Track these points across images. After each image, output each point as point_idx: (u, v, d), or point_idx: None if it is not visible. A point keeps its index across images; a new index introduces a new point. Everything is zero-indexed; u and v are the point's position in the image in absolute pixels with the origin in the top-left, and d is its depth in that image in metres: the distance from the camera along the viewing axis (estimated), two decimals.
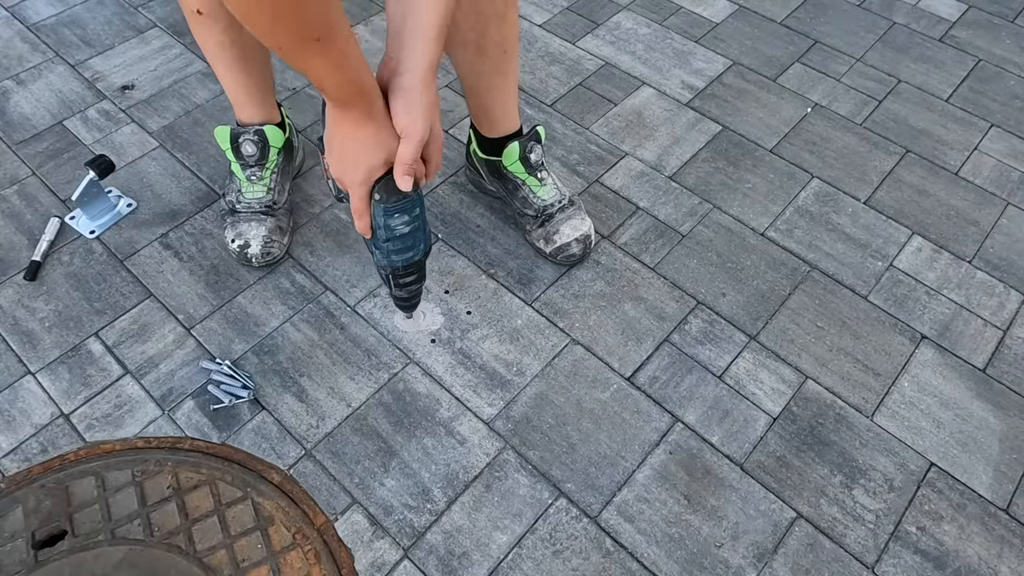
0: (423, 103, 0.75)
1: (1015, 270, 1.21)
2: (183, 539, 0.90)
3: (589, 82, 1.48)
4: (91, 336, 1.09)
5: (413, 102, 0.74)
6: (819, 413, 1.04)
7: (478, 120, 1.15)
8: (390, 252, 0.86)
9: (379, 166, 0.77)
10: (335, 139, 0.77)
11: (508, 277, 1.17)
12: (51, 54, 1.51)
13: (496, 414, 1.03)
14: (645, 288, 1.17)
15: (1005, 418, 1.04)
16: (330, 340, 1.10)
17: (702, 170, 1.33)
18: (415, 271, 0.91)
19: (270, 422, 1.01)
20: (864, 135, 1.40)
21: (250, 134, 1.13)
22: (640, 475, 0.98)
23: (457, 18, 0.97)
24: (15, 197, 1.26)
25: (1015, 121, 1.44)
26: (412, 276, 0.91)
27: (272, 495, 0.94)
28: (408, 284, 0.92)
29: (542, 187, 1.17)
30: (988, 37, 1.61)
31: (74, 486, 0.94)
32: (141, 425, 1.01)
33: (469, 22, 0.98)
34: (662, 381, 1.07)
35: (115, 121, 1.39)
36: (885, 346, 1.11)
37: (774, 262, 1.20)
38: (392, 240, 0.84)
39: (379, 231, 0.83)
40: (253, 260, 1.14)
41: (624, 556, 0.92)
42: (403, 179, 0.77)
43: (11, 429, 1.00)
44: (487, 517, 0.94)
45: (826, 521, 0.95)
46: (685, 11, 1.65)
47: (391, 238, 0.84)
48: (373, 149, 0.76)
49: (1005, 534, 0.94)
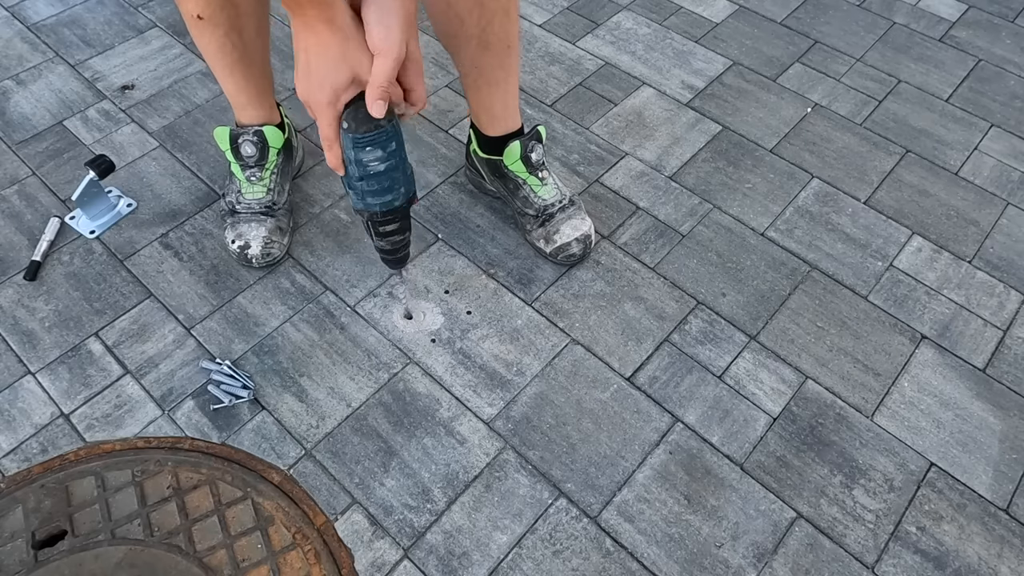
0: (400, 13, 0.68)
1: (1015, 270, 1.21)
2: (183, 539, 0.90)
3: (589, 82, 1.48)
4: (91, 336, 1.09)
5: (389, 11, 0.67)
6: (819, 413, 1.04)
7: (479, 119, 1.15)
8: (365, 193, 0.77)
9: (345, 84, 0.70)
10: (297, 57, 0.70)
11: (508, 277, 1.17)
12: (51, 54, 1.51)
13: (496, 414, 1.03)
14: (645, 288, 1.17)
15: (1005, 418, 1.04)
16: (330, 340, 1.10)
17: (702, 170, 1.33)
18: (396, 219, 0.82)
19: (270, 422, 1.01)
20: (864, 135, 1.40)
21: (249, 135, 1.13)
22: (640, 475, 0.98)
23: (462, 13, 0.98)
24: (15, 197, 1.26)
25: (1015, 121, 1.44)
26: (393, 225, 0.83)
27: (272, 495, 0.94)
28: (389, 234, 0.84)
29: (543, 186, 1.17)
30: (988, 37, 1.61)
31: (74, 486, 0.94)
32: (141, 425, 1.01)
33: (474, 17, 0.98)
34: (662, 381, 1.07)
35: (115, 121, 1.39)
36: (885, 346, 1.11)
37: (774, 262, 1.20)
38: (367, 179, 0.75)
39: (351, 167, 0.75)
40: (253, 261, 1.14)
41: (624, 556, 0.92)
42: (375, 104, 0.70)
43: (11, 429, 1.00)
44: (487, 517, 0.94)
45: (826, 521, 0.95)
46: (685, 11, 1.65)
47: (364, 176, 0.75)
48: (337, 63, 0.68)
49: (1005, 534, 0.94)
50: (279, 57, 1.50)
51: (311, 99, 0.72)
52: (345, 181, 0.79)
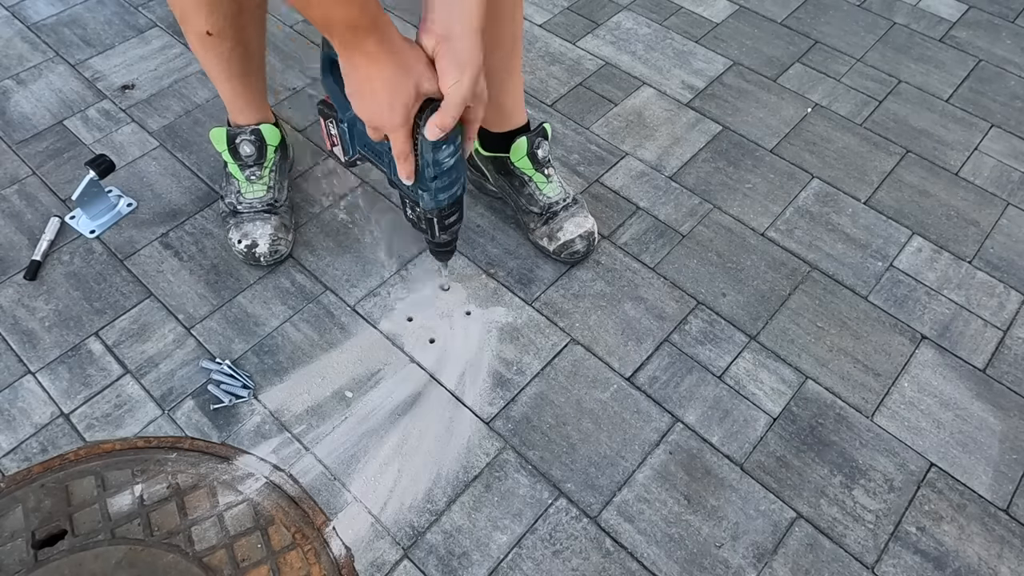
0: (475, 63, 0.73)
1: (1015, 270, 1.21)
2: (183, 539, 0.90)
3: (589, 82, 1.48)
4: (91, 336, 1.09)
5: (465, 63, 0.72)
6: (819, 413, 1.04)
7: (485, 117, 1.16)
8: (438, 191, 0.82)
9: (413, 99, 0.73)
10: (357, 86, 0.73)
11: (508, 277, 1.17)
12: (51, 54, 1.51)
13: (496, 414, 1.03)
14: (645, 288, 1.17)
15: (1005, 418, 1.04)
16: (330, 340, 1.10)
17: (702, 170, 1.33)
18: (459, 208, 0.88)
19: (270, 422, 1.01)
20: (864, 135, 1.40)
21: (247, 134, 1.13)
22: (640, 475, 0.98)
23: None
24: (15, 197, 1.26)
25: (1015, 121, 1.44)
26: (456, 214, 0.88)
27: (272, 495, 0.94)
28: (452, 224, 0.89)
29: (548, 184, 1.17)
30: (988, 37, 1.61)
31: (74, 486, 0.94)
32: (141, 425, 1.01)
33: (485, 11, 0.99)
34: (662, 381, 1.07)
35: (115, 121, 1.39)
36: (885, 346, 1.11)
37: (774, 262, 1.20)
38: (440, 176, 0.80)
39: (427, 170, 0.79)
40: (261, 259, 1.14)
41: (624, 556, 0.92)
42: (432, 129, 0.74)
43: (11, 429, 1.00)
44: (487, 517, 0.94)
45: (826, 521, 0.95)
46: (685, 11, 1.65)
47: (439, 174, 0.80)
48: (403, 82, 0.71)
49: (1005, 534, 0.94)
50: (279, 56, 1.50)
51: (385, 123, 0.74)
52: (415, 188, 0.83)
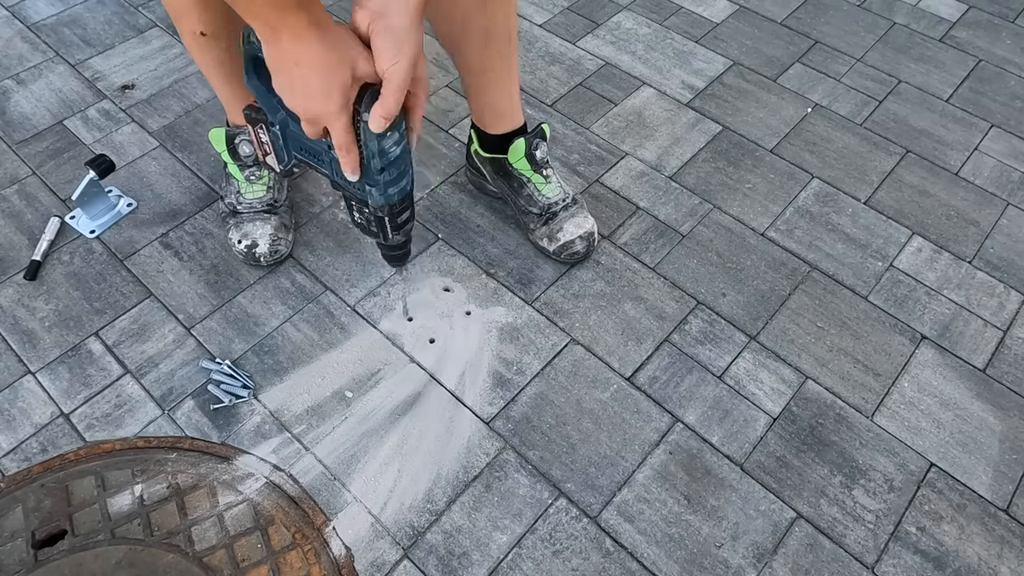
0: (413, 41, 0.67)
1: (1015, 270, 1.21)
2: (183, 539, 0.90)
3: (589, 82, 1.48)
4: (91, 336, 1.09)
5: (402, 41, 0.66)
6: (819, 413, 1.04)
7: (482, 118, 1.16)
8: (387, 184, 0.77)
9: (350, 81, 0.67)
10: (286, 75, 0.67)
11: (508, 277, 1.17)
12: (51, 54, 1.51)
13: (496, 414, 1.03)
14: (645, 288, 1.17)
15: (1005, 418, 1.04)
16: (330, 340, 1.10)
17: (702, 170, 1.33)
18: (410, 204, 0.83)
19: (270, 421, 1.01)
20: (864, 135, 1.40)
21: (246, 134, 1.13)
22: (640, 475, 0.98)
23: (467, 10, 0.98)
24: (15, 197, 1.26)
25: (1015, 121, 1.44)
26: (407, 211, 0.83)
27: (272, 495, 0.94)
28: (405, 223, 0.84)
29: (547, 184, 1.17)
30: (988, 37, 1.61)
31: (74, 486, 0.94)
32: (141, 425, 1.01)
33: (477, 12, 0.98)
34: (662, 381, 1.07)
35: (115, 121, 1.39)
36: (885, 346, 1.11)
37: (774, 262, 1.20)
38: (388, 168, 0.75)
39: (373, 161, 0.73)
40: (262, 259, 1.14)
41: (624, 556, 0.92)
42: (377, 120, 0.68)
43: (11, 429, 1.00)
44: (487, 517, 0.94)
45: (826, 521, 0.95)
46: (685, 11, 1.65)
47: (387, 165, 0.74)
48: (337, 62, 0.66)
49: (1005, 534, 0.94)
50: None
51: (321, 111, 0.68)
52: (360, 185, 0.78)
